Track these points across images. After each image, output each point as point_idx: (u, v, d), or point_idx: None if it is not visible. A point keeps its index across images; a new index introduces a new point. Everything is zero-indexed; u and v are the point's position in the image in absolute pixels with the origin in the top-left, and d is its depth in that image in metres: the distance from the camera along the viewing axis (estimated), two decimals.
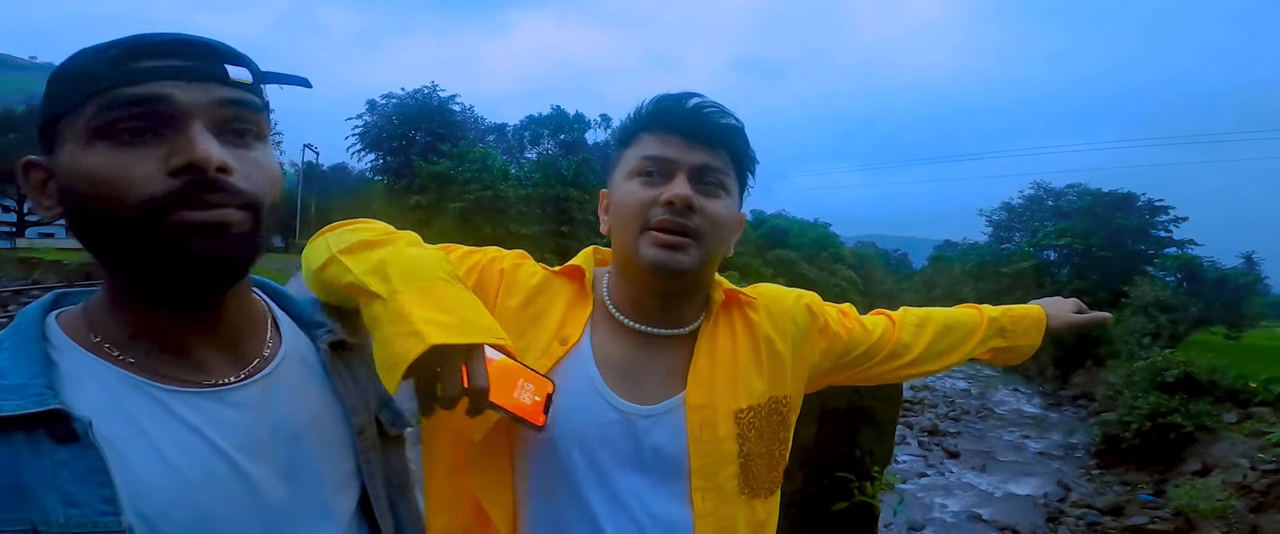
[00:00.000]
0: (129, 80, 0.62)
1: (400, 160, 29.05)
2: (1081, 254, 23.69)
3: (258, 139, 0.69)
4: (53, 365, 0.65)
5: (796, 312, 1.13)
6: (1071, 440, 14.00)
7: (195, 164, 0.62)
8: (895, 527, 9.37)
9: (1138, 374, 12.71)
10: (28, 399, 0.60)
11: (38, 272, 22.60)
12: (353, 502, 0.78)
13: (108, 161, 0.62)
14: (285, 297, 0.86)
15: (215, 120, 0.65)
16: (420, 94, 30.32)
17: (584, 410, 0.97)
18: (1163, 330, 15.88)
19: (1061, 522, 9.99)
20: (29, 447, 0.59)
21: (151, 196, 0.62)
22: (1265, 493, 8.85)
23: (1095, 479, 11.82)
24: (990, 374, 21.89)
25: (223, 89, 0.66)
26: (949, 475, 11.88)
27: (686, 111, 1.00)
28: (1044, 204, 28.65)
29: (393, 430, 0.86)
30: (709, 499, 0.99)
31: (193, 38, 0.67)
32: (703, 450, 0.99)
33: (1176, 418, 11.31)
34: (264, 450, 0.70)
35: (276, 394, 0.74)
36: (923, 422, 15.19)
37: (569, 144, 34.13)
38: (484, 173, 24.56)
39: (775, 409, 1.07)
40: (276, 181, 0.71)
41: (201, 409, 0.68)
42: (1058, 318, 1.40)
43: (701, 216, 0.97)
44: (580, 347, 1.00)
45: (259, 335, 0.77)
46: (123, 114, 0.62)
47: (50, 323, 0.69)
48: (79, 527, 0.58)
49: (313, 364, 0.80)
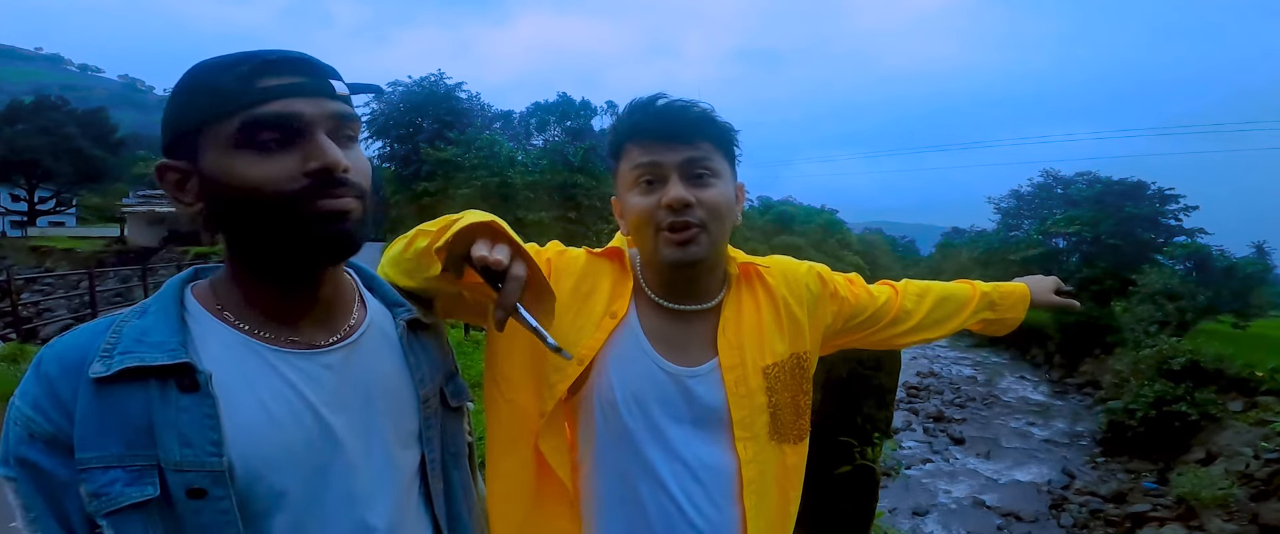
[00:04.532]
0: (264, 97, 0.75)
1: (407, 148, 29.06)
2: (1090, 242, 23.54)
3: (354, 141, 0.83)
4: (186, 328, 0.79)
5: (809, 279, 1.25)
6: (1077, 428, 14.02)
7: (328, 167, 0.76)
8: (901, 511, 9.45)
9: (1144, 362, 12.71)
10: (165, 353, 0.74)
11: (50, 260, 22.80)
12: (415, 460, 0.92)
13: (254, 165, 0.75)
14: (374, 278, 0.99)
15: (330, 129, 0.79)
16: (427, 82, 30.27)
17: (640, 373, 1.10)
18: (1170, 319, 15.80)
19: (1065, 508, 10.05)
20: (160, 393, 0.73)
21: (293, 191, 0.76)
22: (1267, 482, 8.87)
23: (1099, 467, 11.86)
24: (997, 361, 21.88)
25: (332, 103, 0.79)
26: (954, 462, 11.94)
27: (658, 115, 1.09)
28: (1053, 192, 28.42)
29: (454, 403, 1.00)
30: (750, 447, 1.12)
31: (304, 57, 0.80)
32: (740, 403, 1.12)
33: (1182, 406, 11.32)
34: (344, 405, 0.84)
35: (358, 359, 0.88)
36: (928, 408, 15.24)
37: (575, 131, 34.02)
38: (491, 160, 24.54)
39: (797, 363, 1.19)
40: (371, 174, 0.84)
41: (298, 367, 0.82)
42: (1039, 295, 1.53)
43: (701, 208, 1.07)
44: (628, 319, 1.13)
45: (348, 308, 0.91)
46: (265, 127, 0.75)
47: (187, 292, 0.84)
48: (191, 464, 0.72)
49: (391, 337, 0.93)
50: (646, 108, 1.10)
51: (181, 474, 0.71)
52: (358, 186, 0.80)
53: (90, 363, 0.73)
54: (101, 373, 0.72)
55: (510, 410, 1.11)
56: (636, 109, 1.11)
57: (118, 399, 0.72)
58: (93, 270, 14.17)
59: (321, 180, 0.76)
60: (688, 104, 1.10)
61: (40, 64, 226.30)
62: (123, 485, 0.70)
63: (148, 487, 0.70)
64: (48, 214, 36.39)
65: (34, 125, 32.39)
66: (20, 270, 18.67)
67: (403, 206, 25.67)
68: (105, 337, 0.75)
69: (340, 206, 0.78)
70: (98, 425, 0.71)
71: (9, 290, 11.05)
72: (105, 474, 0.70)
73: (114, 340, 0.75)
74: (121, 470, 0.70)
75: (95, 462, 0.70)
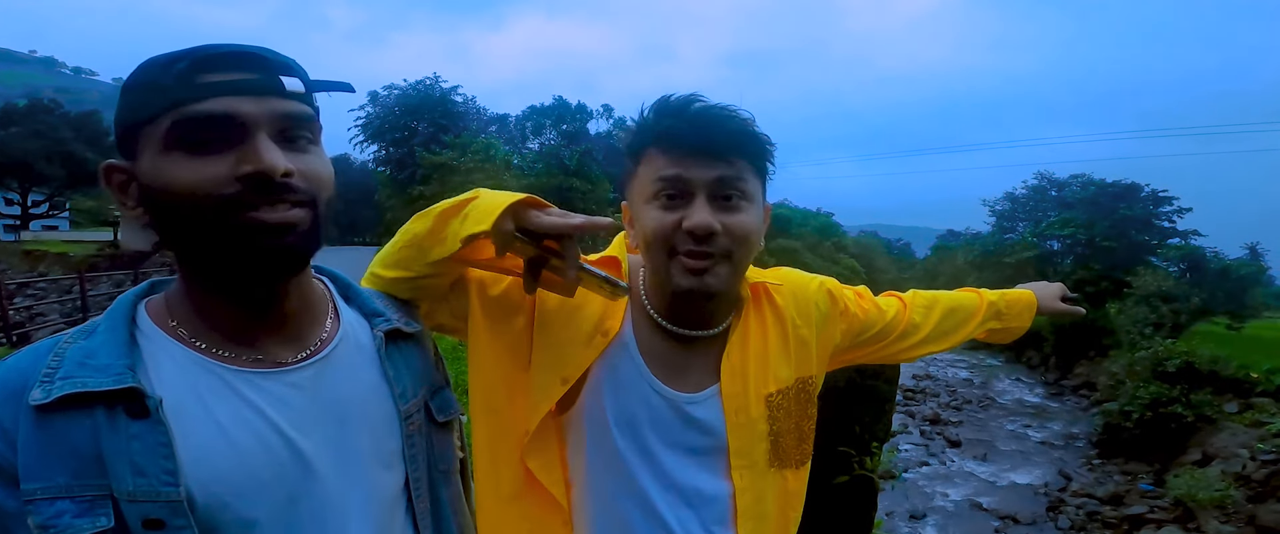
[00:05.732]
0: (198, 95, 0.69)
1: (403, 151, 28.99)
2: (1085, 244, 23.64)
3: (312, 143, 0.76)
4: (137, 347, 0.74)
5: (819, 297, 1.19)
6: (1073, 430, 14.04)
7: (262, 172, 0.69)
8: (898, 515, 9.44)
9: (1139, 364, 12.74)
10: (109, 377, 0.69)
11: (43, 264, 22.68)
12: (398, 480, 0.85)
13: (184, 169, 0.69)
14: (350, 287, 0.93)
15: (276, 130, 0.72)
16: (422, 85, 30.24)
17: (634, 395, 1.03)
18: (1165, 321, 15.87)
19: (1061, 510, 10.05)
20: (108, 420, 0.68)
21: (224, 198, 0.69)
22: (1264, 483, 8.89)
23: (1096, 469, 11.88)
24: (992, 364, 21.93)
25: (281, 102, 0.72)
26: (950, 464, 11.95)
27: (692, 122, 0.97)
28: (1048, 194, 28.60)
29: (442, 417, 0.93)
30: (746, 475, 1.06)
31: (252, 50, 0.73)
32: (739, 432, 1.06)
33: (1178, 408, 11.35)
34: (315, 426, 0.78)
35: (330, 376, 0.81)
36: (925, 411, 15.24)
37: (571, 134, 34.04)
38: (486, 163, 24.53)
39: (801, 389, 1.13)
40: (330, 180, 0.78)
41: (261, 387, 0.76)
42: (1046, 302, 1.51)
43: (726, 236, 0.96)
44: (623, 337, 1.05)
45: (319, 320, 0.84)
46: (195, 128, 0.69)
47: (140, 309, 0.78)
48: (145, 494, 0.67)
49: (367, 350, 0.87)
50: (679, 111, 0.98)
51: (136, 505, 0.67)
52: (305, 193, 0.72)
53: (30, 388, 0.67)
54: (41, 400, 0.67)
55: (494, 421, 1.05)
56: (667, 111, 0.99)
57: (60, 427, 0.67)
58: (85, 274, 14.06)
59: (256, 186, 0.69)
60: (727, 113, 0.98)
61: (34, 67, 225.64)
62: (72, 517, 0.65)
63: (101, 517, 0.66)
64: (41, 218, 36.20)
65: (27, 128, 32.24)
66: (13, 275, 18.56)
67: (397, 210, 25.61)
68: (47, 359, 0.70)
69: (281, 219, 0.71)
70: (40, 455, 0.66)
71: (0, 295, 10.97)
72: (52, 506, 0.65)
73: (56, 364, 0.69)
74: (69, 501, 0.65)
75: (40, 493, 0.65)
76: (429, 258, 0.92)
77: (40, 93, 52.19)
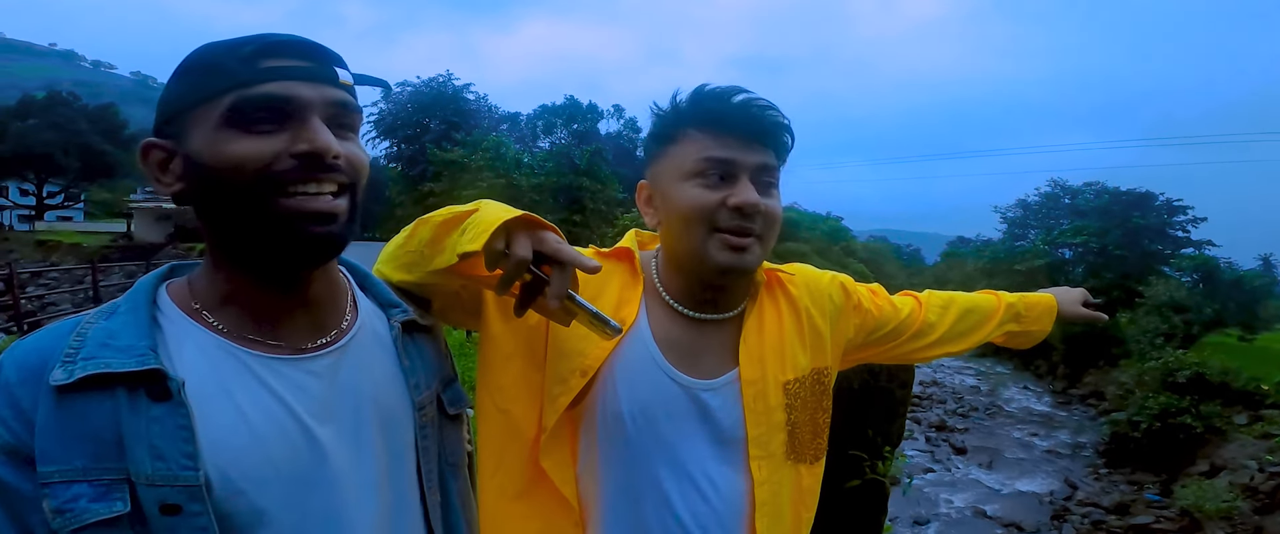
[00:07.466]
0: (262, 78, 0.72)
1: (414, 148, 29.16)
2: (1097, 252, 23.45)
3: (353, 132, 0.79)
4: (159, 329, 0.74)
5: (832, 290, 1.19)
6: (1080, 439, 13.92)
7: (318, 151, 0.72)
8: (902, 520, 9.40)
9: (1149, 374, 12.62)
10: (133, 358, 0.69)
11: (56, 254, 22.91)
12: (410, 470, 0.87)
13: (240, 143, 0.71)
14: (368, 277, 0.94)
15: (328, 116, 0.75)
16: (435, 82, 30.41)
17: (649, 385, 1.02)
18: (1176, 331, 15.72)
19: (1067, 519, 9.97)
20: (129, 402, 0.68)
21: (277, 173, 0.72)
22: (1272, 495, 8.79)
23: (1102, 478, 11.77)
24: (1000, 371, 21.77)
25: (334, 90, 0.76)
26: (956, 471, 11.87)
27: (742, 109, 1.01)
28: (1060, 201, 28.40)
29: (453, 410, 0.94)
30: (764, 467, 1.05)
31: (310, 42, 0.76)
32: (757, 420, 1.05)
33: (1187, 419, 11.23)
34: (332, 415, 0.79)
35: (348, 364, 0.82)
36: (931, 417, 15.16)
37: (582, 134, 34.10)
38: (497, 161, 24.62)
39: (817, 379, 1.13)
40: (367, 170, 0.81)
41: (281, 374, 0.77)
42: (1067, 307, 1.47)
43: (763, 218, 1.01)
44: (638, 326, 1.05)
45: (339, 309, 0.86)
46: (254, 107, 0.71)
47: (161, 291, 0.79)
48: (164, 478, 0.67)
49: (384, 341, 0.88)
50: (726, 98, 1.02)
51: (154, 489, 0.66)
52: (347, 176, 0.75)
53: (51, 369, 0.67)
54: (62, 380, 0.66)
55: (503, 421, 1.03)
56: (713, 97, 1.02)
57: (81, 409, 0.67)
58: (96, 264, 14.22)
59: (308, 164, 0.72)
60: (771, 105, 1.02)
61: (54, 60, 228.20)
62: (88, 501, 0.65)
63: (117, 502, 0.65)
64: (56, 208, 36.63)
65: (45, 121, 32.65)
66: (25, 264, 18.77)
67: (408, 207, 25.72)
68: (68, 339, 0.70)
69: (325, 208, 0.73)
70: (59, 436, 0.66)
71: (12, 284, 11.09)
72: (68, 489, 0.65)
73: (78, 344, 0.69)
74: (87, 484, 0.65)
75: (57, 476, 0.65)
76: (431, 267, 0.92)
77: (59, 85, 52.80)
